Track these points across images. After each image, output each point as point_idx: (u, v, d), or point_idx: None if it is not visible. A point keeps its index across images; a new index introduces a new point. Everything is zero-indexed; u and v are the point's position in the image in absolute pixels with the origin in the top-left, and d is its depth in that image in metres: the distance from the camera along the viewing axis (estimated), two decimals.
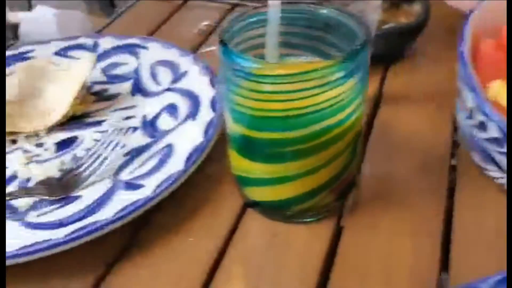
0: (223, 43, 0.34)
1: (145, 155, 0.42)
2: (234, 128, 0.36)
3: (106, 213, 0.36)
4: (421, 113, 0.48)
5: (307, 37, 0.39)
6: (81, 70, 0.48)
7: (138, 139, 0.45)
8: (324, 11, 0.38)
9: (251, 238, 0.37)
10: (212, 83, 0.48)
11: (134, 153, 0.43)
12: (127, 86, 0.52)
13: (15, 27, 0.88)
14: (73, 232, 0.35)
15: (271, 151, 0.35)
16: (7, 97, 0.47)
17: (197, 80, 0.49)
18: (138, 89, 0.51)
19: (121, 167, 0.42)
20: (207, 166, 0.42)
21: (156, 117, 0.47)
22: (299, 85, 0.32)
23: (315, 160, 0.35)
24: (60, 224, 0.36)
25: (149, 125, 0.46)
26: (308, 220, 0.38)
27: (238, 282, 0.34)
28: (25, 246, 0.34)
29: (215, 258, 0.36)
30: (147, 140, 0.45)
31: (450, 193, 0.39)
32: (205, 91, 0.47)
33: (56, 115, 0.46)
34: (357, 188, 0.40)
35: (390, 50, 0.53)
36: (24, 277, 0.36)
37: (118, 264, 0.36)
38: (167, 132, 0.44)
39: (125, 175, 0.40)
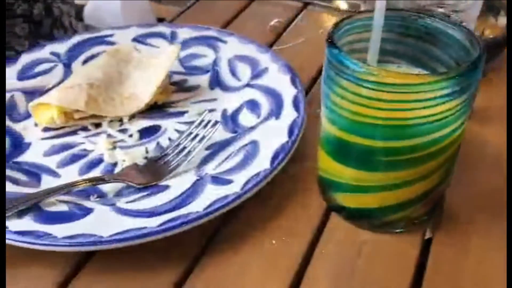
0: (332, 43, 0.34)
1: (228, 150, 0.43)
2: (330, 129, 0.36)
3: (196, 206, 0.36)
4: (504, 129, 0.47)
5: (403, 44, 0.39)
6: (165, 59, 0.48)
7: (220, 133, 0.45)
8: (428, 20, 0.37)
9: (338, 243, 0.37)
10: (293, 82, 0.48)
11: (217, 147, 0.43)
12: (205, 78, 0.52)
13: (80, 8, 0.89)
14: (166, 222, 0.35)
15: (368, 158, 0.35)
16: (91, 80, 0.47)
17: (277, 78, 0.49)
18: (217, 82, 0.51)
19: (205, 160, 0.42)
20: (289, 166, 0.41)
21: (236, 112, 0.47)
22: (406, 96, 0.32)
23: (413, 172, 0.35)
24: (153, 213, 0.36)
25: (230, 120, 0.46)
26: (396, 231, 0.37)
27: (327, 285, 0.34)
28: (118, 233, 0.34)
29: (301, 261, 0.36)
30: (229, 134, 0.45)
31: None
32: (286, 90, 0.47)
33: (141, 103, 0.47)
34: (446, 201, 0.39)
35: None
36: (110, 264, 0.36)
37: (205, 257, 0.36)
38: (249, 128, 0.44)
39: (210, 169, 0.41)
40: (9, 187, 0.39)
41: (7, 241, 0.35)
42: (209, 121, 0.43)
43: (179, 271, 0.36)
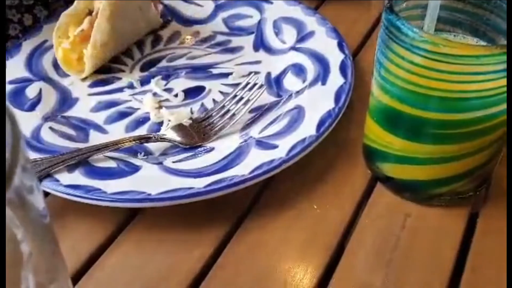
0: (391, 8, 0.32)
1: (273, 114, 0.42)
2: (381, 97, 0.36)
3: (242, 169, 0.36)
4: None
5: (461, 12, 0.37)
6: None
7: (264, 96, 0.44)
8: None
9: (382, 214, 0.37)
10: (341, 47, 0.47)
11: (261, 111, 0.43)
12: (249, 40, 0.51)
13: None
14: (212, 184, 0.35)
15: (418, 129, 0.35)
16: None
17: (324, 42, 0.48)
18: (262, 44, 0.50)
19: (249, 124, 0.42)
20: (333, 133, 0.41)
21: (281, 75, 0.47)
22: (467, 68, 0.31)
23: (463, 147, 0.34)
24: (200, 173, 0.36)
25: (274, 83, 0.46)
26: (441, 204, 0.37)
27: (369, 255, 0.34)
28: (166, 191, 0.35)
29: (344, 229, 0.36)
30: (273, 98, 0.44)
31: None
32: (333, 55, 0.46)
33: None
34: (493, 176, 0.38)
35: None
36: (154, 222, 0.37)
37: (248, 220, 0.37)
38: (294, 93, 0.44)
39: (255, 133, 0.41)
40: (59, 141, 0.40)
41: (58, 194, 0.36)
42: (254, 84, 0.43)
43: (222, 232, 0.36)
